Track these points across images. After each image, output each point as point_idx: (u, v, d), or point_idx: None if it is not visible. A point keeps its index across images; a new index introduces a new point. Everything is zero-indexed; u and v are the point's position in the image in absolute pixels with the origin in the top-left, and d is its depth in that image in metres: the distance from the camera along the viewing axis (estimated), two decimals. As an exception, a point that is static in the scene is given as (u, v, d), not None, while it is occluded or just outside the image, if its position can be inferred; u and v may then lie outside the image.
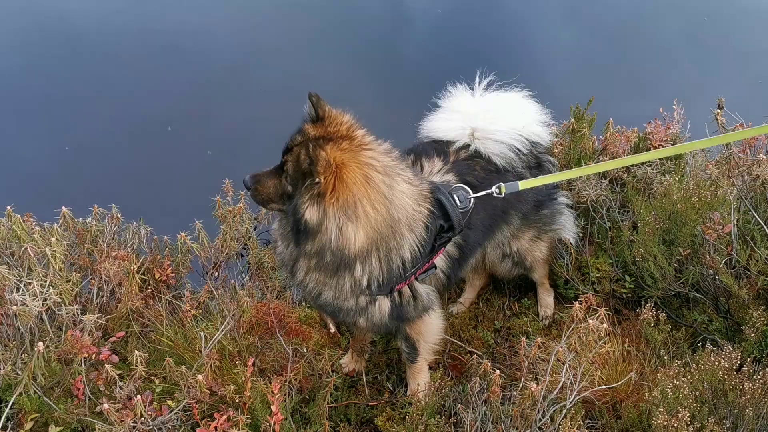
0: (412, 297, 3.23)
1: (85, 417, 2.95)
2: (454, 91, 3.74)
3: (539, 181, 3.43)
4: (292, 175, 2.77)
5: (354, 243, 2.76)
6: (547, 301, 4.31)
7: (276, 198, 2.88)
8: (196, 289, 4.26)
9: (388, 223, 2.81)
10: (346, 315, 3.21)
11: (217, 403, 3.11)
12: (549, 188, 3.87)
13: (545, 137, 3.77)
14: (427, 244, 3.04)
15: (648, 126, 5.04)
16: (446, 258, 3.34)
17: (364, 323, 3.26)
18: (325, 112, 2.83)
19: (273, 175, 2.86)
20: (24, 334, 3.15)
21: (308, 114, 2.88)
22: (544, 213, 3.89)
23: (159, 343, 3.70)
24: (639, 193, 4.56)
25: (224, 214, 4.45)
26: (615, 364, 3.63)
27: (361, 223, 2.74)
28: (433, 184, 3.26)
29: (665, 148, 4.54)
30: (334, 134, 2.79)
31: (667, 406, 2.85)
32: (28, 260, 3.30)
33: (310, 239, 2.77)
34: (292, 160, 2.76)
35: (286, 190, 2.82)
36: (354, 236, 2.75)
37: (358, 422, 3.53)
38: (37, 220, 3.88)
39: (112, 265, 3.71)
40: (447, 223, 3.12)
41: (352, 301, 3.08)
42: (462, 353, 4.01)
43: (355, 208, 2.71)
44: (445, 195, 3.16)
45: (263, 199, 2.93)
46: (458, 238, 3.32)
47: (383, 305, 3.16)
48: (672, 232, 3.97)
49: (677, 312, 4.07)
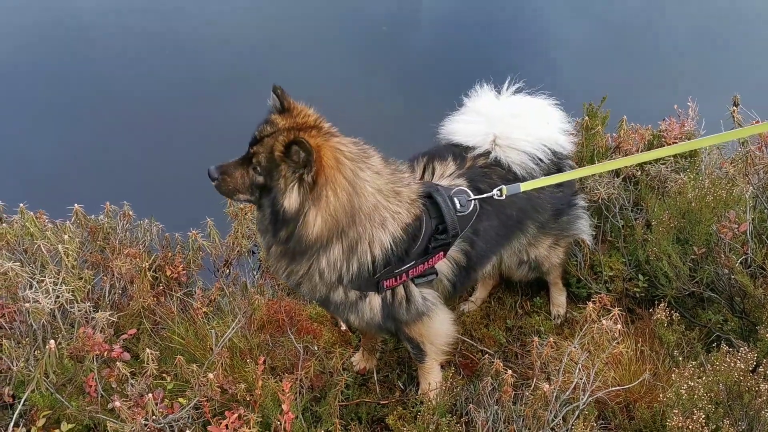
0: (406, 299, 3.19)
1: (97, 414, 2.96)
2: (478, 92, 3.66)
3: (542, 182, 3.37)
4: (264, 166, 2.77)
5: (312, 229, 2.77)
6: (559, 300, 4.27)
7: (244, 189, 2.88)
8: (207, 287, 4.27)
9: (347, 211, 2.80)
10: (336, 309, 3.21)
11: (228, 401, 3.11)
12: (569, 194, 3.80)
13: (567, 146, 3.68)
14: (411, 244, 3.01)
15: (662, 123, 4.99)
16: (451, 264, 3.30)
17: (356, 320, 3.24)
18: (290, 104, 2.88)
19: (240, 166, 2.87)
20: (37, 331, 3.17)
21: (273, 107, 2.91)
22: (563, 220, 3.82)
23: (170, 341, 3.71)
24: (653, 192, 4.52)
25: (235, 212, 4.45)
26: (628, 364, 3.60)
27: (321, 208, 2.75)
28: (430, 184, 3.23)
29: (673, 145, 4.48)
30: (303, 125, 2.83)
31: (681, 408, 2.82)
32: (41, 257, 3.31)
33: (285, 227, 2.80)
34: (265, 151, 2.77)
35: (255, 181, 2.83)
36: (313, 222, 2.77)
37: (369, 421, 3.52)
38: (50, 218, 3.89)
39: (124, 262, 3.72)
40: (442, 225, 3.09)
41: (336, 295, 3.07)
42: (473, 352, 3.99)
43: (320, 192, 2.73)
44: (443, 196, 3.12)
45: (230, 190, 2.92)
46: (464, 244, 3.28)
47: (374, 303, 3.14)
48: (686, 230, 3.93)
49: (691, 312, 4.02)
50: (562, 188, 3.71)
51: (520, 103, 3.60)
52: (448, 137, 3.60)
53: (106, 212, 4.18)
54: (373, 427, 3.50)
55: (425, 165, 3.44)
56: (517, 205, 3.48)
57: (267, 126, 2.85)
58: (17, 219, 3.72)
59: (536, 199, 3.58)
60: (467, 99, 3.68)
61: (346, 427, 3.32)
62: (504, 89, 3.63)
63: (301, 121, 2.85)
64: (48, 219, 3.84)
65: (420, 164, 3.45)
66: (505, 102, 3.60)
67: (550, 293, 4.29)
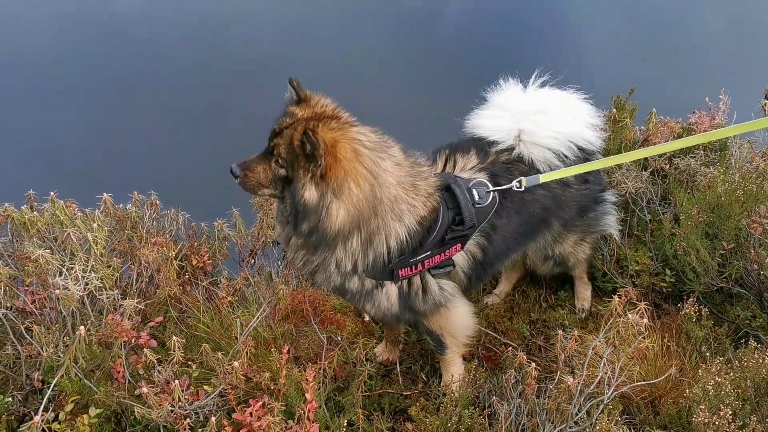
0: (422, 289, 3.18)
1: (124, 400, 3.00)
2: (504, 86, 3.62)
3: (562, 173, 3.34)
4: (285, 158, 2.77)
5: (335, 221, 2.77)
6: (584, 294, 4.24)
7: (267, 183, 2.88)
8: (232, 276, 4.30)
9: (369, 202, 2.80)
10: (352, 298, 3.21)
11: (253, 389, 3.14)
12: (596, 191, 3.74)
13: (595, 142, 3.58)
14: (425, 236, 3.01)
15: (692, 116, 4.91)
16: (467, 257, 3.28)
17: (372, 309, 3.25)
18: (307, 95, 2.89)
19: (262, 161, 2.87)
20: (66, 318, 3.22)
21: (290, 99, 2.92)
22: (590, 216, 3.76)
23: (196, 329, 3.75)
24: (681, 185, 4.45)
25: (260, 203, 4.47)
26: (654, 360, 3.56)
27: (344, 200, 2.75)
28: (449, 176, 3.21)
29: (694, 135, 4.40)
30: (322, 114, 2.84)
31: (708, 404, 2.79)
32: (70, 245, 3.36)
33: (306, 220, 2.79)
34: (285, 142, 2.77)
35: (277, 174, 2.83)
36: (336, 214, 2.76)
37: (391, 411, 3.53)
38: (79, 206, 3.94)
39: (151, 251, 3.76)
40: (459, 216, 3.08)
41: (351, 283, 3.07)
42: (497, 345, 3.98)
43: (342, 184, 2.72)
44: (461, 187, 3.11)
45: (253, 186, 2.91)
46: (481, 238, 3.27)
47: (391, 292, 3.14)
48: (715, 225, 3.87)
49: (719, 307, 3.97)
50: (588, 185, 3.65)
51: (546, 97, 3.55)
52: (473, 131, 3.58)
53: (134, 201, 4.23)
54: (396, 417, 3.50)
55: (447, 157, 3.43)
56: (540, 202, 3.44)
57: (286, 118, 2.85)
58: (47, 207, 3.77)
59: (561, 197, 3.53)
60: (492, 93, 3.64)
61: (368, 417, 3.33)
62: (530, 83, 3.58)
63: (320, 111, 2.85)
64: (77, 207, 3.89)
65: (442, 156, 3.44)
66: (531, 96, 3.55)
67: (575, 287, 4.26)
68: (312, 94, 2.91)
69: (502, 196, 3.27)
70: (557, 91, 3.59)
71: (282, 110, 2.92)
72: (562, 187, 3.52)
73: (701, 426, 2.72)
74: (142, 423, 3.01)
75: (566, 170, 3.36)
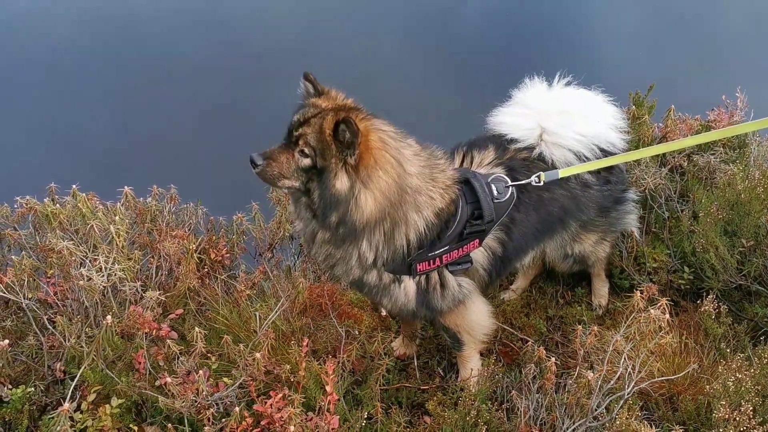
0: (440, 284, 3.17)
1: (145, 390, 3.03)
2: (528, 84, 3.58)
3: (580, 168, 3.33)
4: (315, 146, 2.75)
5: (364, 211, 2.77)
6: (601, 291, 4.23)
7: (289, 173, 2.83)
8: (250, 270, 4.32)
9: (396, 190, 2.81)
10: (370, 292, 3.21)
11: (272, 381, 3.16)
12: (618, 191, 3.71)
13: (618, 144, 3.53)
14: (444, 230, 3.01)
15: (711, 113, 4.89)
16: (487, 252, 3.27)
17: (389, 304, 3.25)
18: (324, 89, 2.90)
19: (285, 151, 2.83)
20: (88, 309, 3.25)
21: (306, 92, 2.93)
22: (612, 216, 3.74)
23: (215, 322, 3.77)
24: (700, 183, 4.44)
25: (278, 197, 4.49)
26: (672, 356, 3.55)
27: (372, 188, 2.75)
28: (467, 170, 3.21)
29: (709, 132, 4.36)
30: (345, 106, 2.86)
31: (728, 400, 2.78)
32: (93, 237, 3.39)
33: (335, 210, 2.78)
34: (313, 131, 2.75)
35: (301, 164, 2.80)
36: (365, 204, 2.76)
37: (408, 405, 3.54)
38: (101, 199, 3.98)
39: (171, 243, 3.79)
40: (478, 211, 3.08)
41: (370, 277, 3.07)
42: (513, 340, 3.98)
43: (371, 173, 2.74)
44: (480, 182, 3.11)
45: (274, 176, 2.85)
46: (500, 233, 3.26)
47: (409, 288, 3.13)
48: (734, 222, 3.86)
49: (738, 305, 3.96)
50: (610, 185, 3.63)
51: (571, 97, 3.52)
52: (494, 128, 3.56)
53: (153, 195, 4.26)
54: (413, 411, 3.52)
55: (464, 153, 3.43)
56: (559, 202, 3.43)
57: (309, 109, 2.85)
58: (69, 200, 3.81)
59: (581, 198, 3.51)
60: (516, 91, 3.62)
61: (386, 410, 3.34)
62: (555, 81, 3.55)
63: (341, 103, 2.88)
64: (99, 200, 3.93)
65: (460, 153, 3.44)
66: (555, 96, 3.52)
67: (593, 284, 4.25)
68: (328, 88, 2.93)
69: (520, 191, 3.27)
70: (583, 91, 3.56)
71: (298, 104, 2.92)
72: (582, 188, 3.50)
73: (721, 422, 2.72)
74: (162, 414, 3.04)
75: (585, 165, 3.36)
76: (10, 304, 3.42)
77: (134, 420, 3.10)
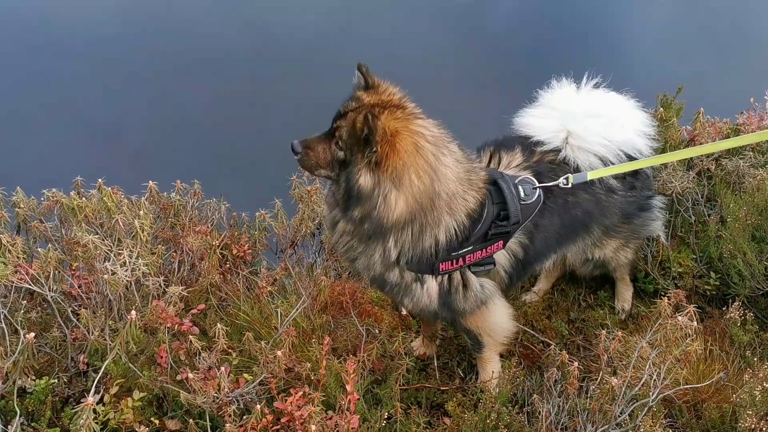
0: (462, 285, 3.15)
1: (166, 385, 3.05)
2: (555, 85, 3.55)
3: (609, 171, 3.29)
4: (346, 141, 2.77)
5: (393, 212, 2.76)
6: (625, 295, 4.18)
7: (325, 164, 2.88)
8: (272, 266, 4.33)
9: (429, 195, 2.79)
10: (391, 290, 3.20)
11: (293, 379, 3.16)
12: (643, 197, 3.67)
13: (645, 151, 3.47)
14: (472, 230, 2.99)
15: (740, 117, 4.81)
16: (509, 255, 3.25)
17: (410, 304, 3.23)
18: (375, 82, 2.88)
19: (323, 141, 2.87)
20: (112, 302, 3.27)
21: (358, 84, 2.91)
22: (636, 223, 3.70)
23: (236, 317, 3.78)
24: (728, 187, 4.37)
25: (301, 194, 4.50)
26: (697, 363, 3.50)
27: (404, 191, 2.74)
28: (495, 171, 3.19)
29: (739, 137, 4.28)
30: (388, 102, 2.83)
31: (755, 409, 2.73)
32: (117, 231, 3.41)
33: (359, 205, 2.79)
34: (347, 125, 2.77)
35: (336, 156, 2.83)
36: (395, 205, 2.75)
37: (428, 406, 3.53)
38: (125, 193, 4.01)
39: (195, 239, 3.80)
40: (504, 212, 3.06)
41: (392, 275, 3.06)
42: (534, 343, 3.95)
43: (402, 175, 2.72)
44: (507, 183, 3.09)
45: (312, 165, 2.91)
46: (523, 237, 3.23)
47: (431, 288, 3.12)
48: (763, 228, 3.80)
49: (765, 312, 3.89)
50: (635, 191, 3.58)
51: (599, 100, 3.48)
52: (520, 129, 3.53)
53: (177, 190, 4.28)
54: (433, 412, 3.50)
55: (492, 154, 3.40)
56: (583, 206, 3.40)
57: (352, 102, 2.86)
58: (94, 194, 3.84)
59: (605, 203, 3.48)
60: (543, 92, 3.58)
61: (406, 410, 3.33)
62: (583, 83, 3.51)
63: (386, 98, 2.85)
64: (123, 195, 3.95)
65: (486, 153, 3.41)
66: (583, 98, 3.48)
67: (616, 288, 4.20)
68: (380, 81, 2.90)
69: (546, 196, 3.24)
70: (612, 94, 3.51)
71: (349, 94, 2.92)
72: (607, 193, 3.47)
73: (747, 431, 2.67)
74: (183, 408, 3.05)
75: (614, 168, 3.32)
76: (35, 295, 3.45)
77: (155, 413, 3.12)
